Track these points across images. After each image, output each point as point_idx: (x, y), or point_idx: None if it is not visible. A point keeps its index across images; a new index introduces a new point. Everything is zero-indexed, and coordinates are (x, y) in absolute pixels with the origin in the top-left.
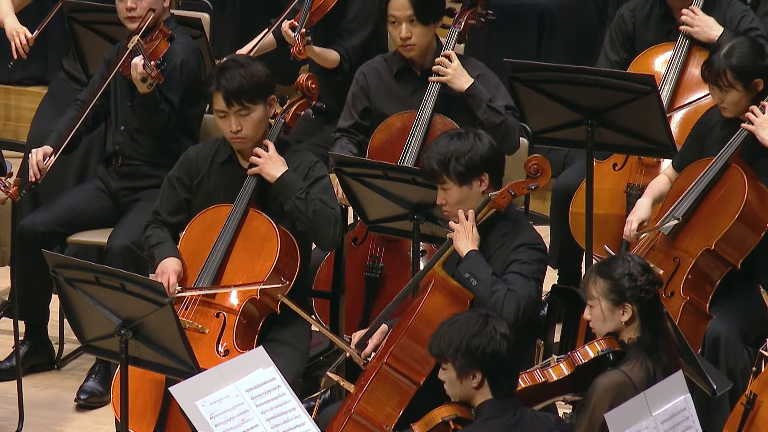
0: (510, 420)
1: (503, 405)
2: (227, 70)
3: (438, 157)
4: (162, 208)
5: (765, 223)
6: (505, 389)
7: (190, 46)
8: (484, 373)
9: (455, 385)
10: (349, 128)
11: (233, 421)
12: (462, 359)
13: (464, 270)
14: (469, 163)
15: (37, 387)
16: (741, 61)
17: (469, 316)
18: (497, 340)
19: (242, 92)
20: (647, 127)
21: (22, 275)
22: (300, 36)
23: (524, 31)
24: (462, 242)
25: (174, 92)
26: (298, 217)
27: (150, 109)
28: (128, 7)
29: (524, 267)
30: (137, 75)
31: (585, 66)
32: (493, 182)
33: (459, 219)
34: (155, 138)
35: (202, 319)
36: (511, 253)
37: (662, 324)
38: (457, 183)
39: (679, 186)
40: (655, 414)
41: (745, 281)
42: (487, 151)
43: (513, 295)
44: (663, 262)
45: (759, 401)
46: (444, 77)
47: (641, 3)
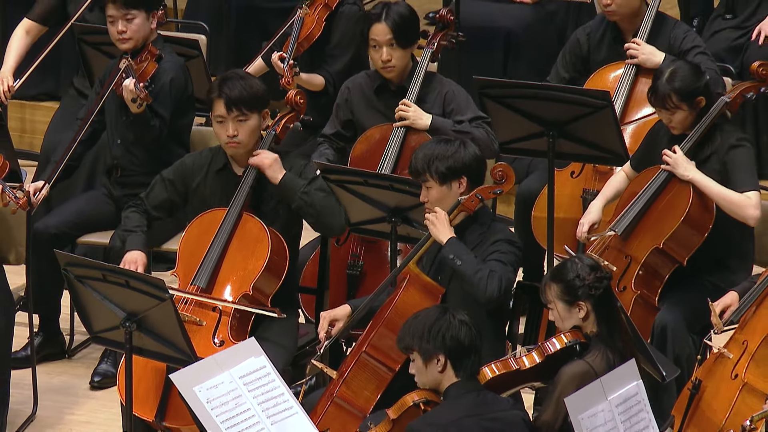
0: (474, 400)
1: (467, 387)
2: (229, 80)
3: (424, 157)
4: (148, 199)
5: (708, 225)
6: (467, 371)
7: (177, 64)
8: (447, 355)
9: (423, 372)
10: (331, 136)
11: (228, 405)
12: (425, 344)
13: (448, 253)
14: (450, 166)
15: (50, 374)
16: (683, 83)
17: (429, 309)
18: (456, 325)
19: (241, 100)
20: (602, 138)
21: (36, 273)
22: (289, 67)
23: (492, 52)
24: (440, 231)
25: (165, 108)
26: (306, 211)
27: (141, 127)
28: (119, 30)
29: (503, 256)
30: (128, 96)
31: (546, 83)
32: (471, 186)
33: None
34: (149, 150)
35: (199, 312)
36: (490, 247)
37: (617, 316)
38: (438, 182)
39: (632, 190)
40: (611, 398)
41: (690, 277)
42: (470, 158)
43: (495, 275)
44: (616, 260)
45: (703, 386)
46: (407, 121)
47: (595, 26)
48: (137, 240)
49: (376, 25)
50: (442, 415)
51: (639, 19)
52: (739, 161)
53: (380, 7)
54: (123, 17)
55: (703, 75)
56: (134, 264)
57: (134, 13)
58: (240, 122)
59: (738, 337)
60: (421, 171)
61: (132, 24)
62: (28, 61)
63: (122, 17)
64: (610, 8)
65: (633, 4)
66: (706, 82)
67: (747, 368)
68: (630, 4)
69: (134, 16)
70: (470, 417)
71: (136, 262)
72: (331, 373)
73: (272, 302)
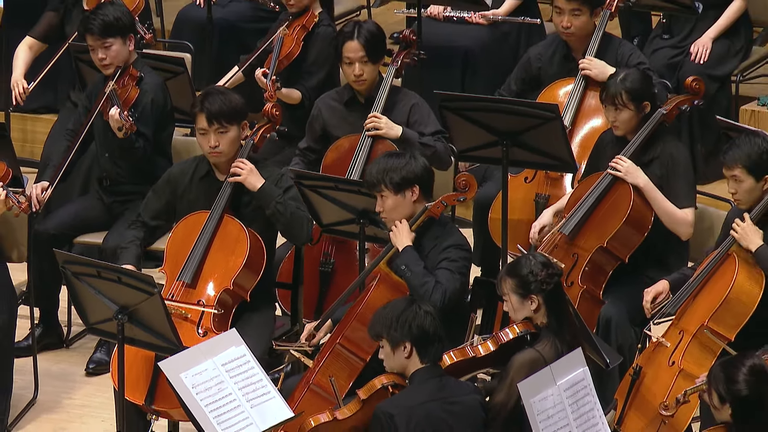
0: (437, 385)
1: (431, 372)
2: (210, 96)
3: (378, 171)
4: (144, 213)
5: (648, 225)
6: (431, 357)
7: (156, 84)
8: (412, 343)
9: (390, 357)
10: (304, 150)
11: (211, 390)
12: (393, 333)
13: (401, 262)
14: (404, 176)
15: (49, 362)
16: (633, 84)
17: (398, 300)
18: (421, 316)
19: (221, 114)
20: (552, 147)
21: (37, 270)
22: (271, 82)
23: (451, 69)
24: (399, 240)
25: (148, 127)
26: (278, 219)
27: (126, 150)
28: (100, 58)
29: (452, 264)
30: (114, 125)
31: (501, 97)
32: (423, 194)
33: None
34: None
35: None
36: (441, 253)
37: (565, 309)
38: (393, 192)
39: (578, 194)
40: (559, 383)
41: (631, 273)
42: (420, 169)
43: (440, 287)
44: (564, 257)
45: (643, 373)
46: (380, 131)
47: (547, 46)
48: (128, 254)
49: (349, 43)
50: (409, 398)
51: (589, 39)
52: (682, 173)
53: (351, 26)
54: (101, 46)
55: (653, 84)
56: None
57: (111, 41)
58: (221, 134)
59: (675, 328)
60: (377, 183)
61: (110, 50)
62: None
63: (101, 46)
64: (569, 30)
65: (588, 27)
66: (653, 91)
67: (683, 356)
68: (586, 27)
69: (111, 44)
70: (434, 401)
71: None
72: (308, 362)
73: (251, 297)
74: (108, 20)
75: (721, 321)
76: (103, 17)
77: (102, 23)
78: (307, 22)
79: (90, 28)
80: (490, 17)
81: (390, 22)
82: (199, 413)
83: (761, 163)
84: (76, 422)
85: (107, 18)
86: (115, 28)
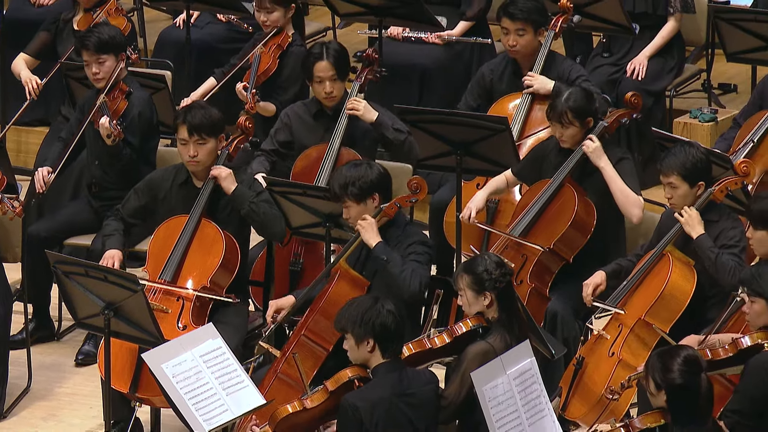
0: (398, 378)
1: (392, 366)
2: (193, 109)
3: (339, 185)
4: (124, 209)
5: (590, 228)
6: (392, 352)
7: (144, 99)
8: (375, 339)
9: (355, 350)
10: (270, 151)
11: (190, 379)
12: (358, 329)
13: (380, 254)
14: (362, 187)
15: (42, 354)
16: (577, 103)
17: (363, 298)
18: (384, 314)
19: (201, 127)
20: (502, 156)
21: (30, 269)
22: (251, 95)
23: (409, 84)
24: (370, 235)
25: (134, 137)
26: (253, 218)
27: (114, 156)
28: (93, 72)
29: (419, 257)
30: (104, 132)
31: (455, 110)
32: (383, 199)
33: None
34: (121, 171)
35: (166, 302)
36: (407, 248)
37: (515, 305)
38: (355, 202)
39: (525, 200)
40: (509, 372)
41: (576, 271)
42: (376, 176)
43: (417, 273)
44: (514, 258)
45: (586, 363)
46: (358, 112)
47: (498, 63)
48: (114, 241)
49: (319, 63)
50: (373, 392)
51: (535, 56)
52: (627, 172)
53: (319, 47)
54: (95, 61)
55: (594, 100)
56: (111, 259)
57: (104, 57)
58: (200, 145)
59: (615, 322)
60: (339, 195)
61: (103, 66)
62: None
63: (95, 61)
64: (515, 48)
65: (533, 45)
66: (595, 107)
67: (622, 348)
68: (530, 45)
69: (105, 60)
70: (395, 395)
71: (113, 257)
72: (276, 353)
73: (226, 293)
74: (103, 38)
75: (657, 315)
76: (99, 35)
77: (98, 40)
78: (282, 41)
79: (86, 44)
80: (445, 37)
81: (354, 42)
82: (179, 400)
83: (695, 170)
84: (66, 409)
85: (103, 36)
86: (109, 45)
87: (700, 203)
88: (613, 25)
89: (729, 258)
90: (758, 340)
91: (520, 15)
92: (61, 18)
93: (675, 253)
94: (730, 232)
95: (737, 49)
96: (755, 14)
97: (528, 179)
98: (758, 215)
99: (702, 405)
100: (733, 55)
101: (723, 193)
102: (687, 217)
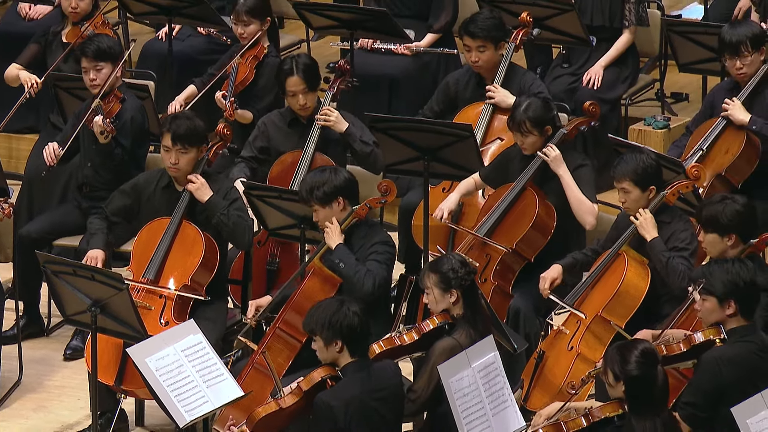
0: (367, 375)
1: (360, 364)
2: (178, 119)
3: (306, 189)
4: (109, 207)
5: (551, 230)
6: (360, 351)
7: (136, 105)
8: (343, 340)
9: (324, 351)
10: (249, 158)
11: (172, 372)
12: (326, 332)
13: (335, 257)
14: (326, 191)
15: (32, 348)
16: (535, 113)
17: (330, 301)
18: (350, 316)
19: (185, 137)
20: (467, 161)
21: (21, 269)
22: (230, 103)
23: (379, 93)
24: (331, 239)
25: (126, 139)
26: (222, 227)
27: (106, 156)
28: (90, 78)
29: (379, 256)
30: (98, 129)
31: (423, 118)
32: (349, 202)
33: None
34: (112, 171)
35: (149, 300)
36: (371, 248)
37: (479, 302)
38: (321, 205)
39: (490, 203)
40: (474, 365)
41: (537, 270)
42: (341, 181)
43: (370, 274)
44: (478, 257)
45: (546, 356)
46: (329, 123)
47: (462, 74)
48: (98, 240)
49: (291, 78)
50: (345, 390)
51: (497, 69)
52: (584, 179)
53: (289, 63)
54: (93, 68)
55: (552, 109)
56: (95, 260)
57: (102, 65)
58: (181, 153)
59: (573, 317)
60: (307, 199)
61: (101, 73)
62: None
63: (93, 68)
64: (477, 63)
65: (494, 60)
66: (553, 115)
67: (580, 342)
68: (492, 60)
69: (102, 67)
70: (365, 392)
71: (96, 258)
72: (253, 347)
73: (206, 291)
74: (102, 47)
75: (613, 311)
76: (98, 44)
77: (96, 48)
78: (258, 52)
79: (86, 51)
80: (413, 48)
81: (326, 54)
82: (162, 392)
83: (646, 176)
84: (55, 401)
85: (102, 45)
86: (107, 54)
87: (653, 206)
88: (571, 38)
89: (679, 262)
90: (710, 336)
91: (480, 33)
92: (51, 31)
93: (630, 253)
94: (682, 234)
95: (689, 60)
96: (705, 27)
97: (494, 183)
98: (707, 219)
99: (658, 395)
100: (685, 65)
101: (675, 196)
102: (642, 220)
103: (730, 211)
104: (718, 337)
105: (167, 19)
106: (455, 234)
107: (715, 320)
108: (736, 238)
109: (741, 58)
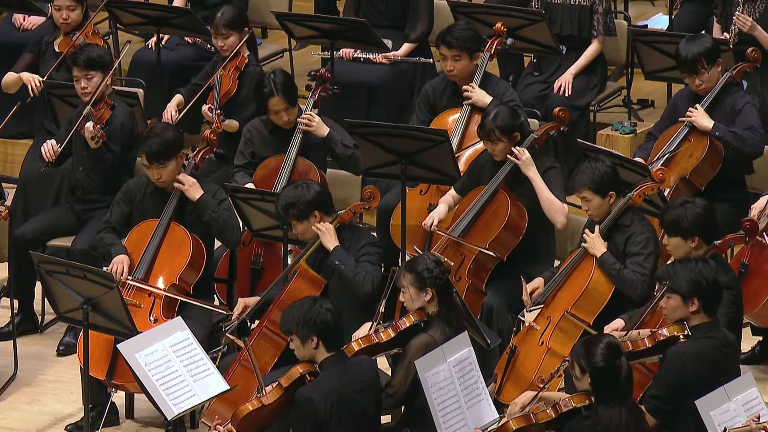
0: (344, 369)
1: (337, 358)
2: (149, 139)
3: (281, 205)
4: (112, 219)
5: (522, 230)
6: (335, 346)
7: (126, 112)
8: (318, 336)
9: (301, 349)
10: (244, 165)
11: (161, 367)
12: (301, 329)
13: (334, 258)
14: (301, 208)
15: (27, 344)
16: (503, 122)
17: (303, 300)
18: (323, 313)
19: (159, 155)
20: (442, 165)
21: (16, 268)
22: (216, 115)
23: (358, 100)
24: (328, 240)
25: (116, 145)
26: (213, 225)
27: (97, 160)
28: (82, 87)
29: (371, 257)
30: (89, 135)
31: (399, 124)
32: (325, 214)
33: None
34: (103, 175)
35: (139, 298)
36: (360, 250)
37: (453, 300)
38: (298, 221)
39: (464, 205)
40: (449, 360)
41: (509, 268)
42: (314, 196)
43: (369, 275)
44: (453, 257)
45: (518, 351)
46: (311, 128)
47: (438, 82)
48: (119, 248)
49: (272, 99)
50: (324, 384)
51: (471, 77)
52: (554, 181)
53: (267, 82)
54: (84, 77)
55: (519, 116)
56: (122, 264)
57: (93, 74)
58: (161, 168)
59: (544, 314)
60: (284, 216)
61: (91, 82)
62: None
63: (84, 77)
64: (452, 72)
65: (469, 69)
66: (521, 121)
67: (550, 337)
68: (467, 69)
69: (93, 76)
70: (344, 384)
71: (123, 262)
72: (240, 343)
73: (193, 289)
74: (93, 56)
75: (582, 308)
76: (89, 53)
77: (87, 58)
78: (239, 63)
79: (77, 60)
80: (391, 58)
81: (308, 62)
82: (151, 386)
83: (603, 183)
84: (49, 394)
85: (92, 54)
86: (97, 63)
87: (619, 208)
88: (542, 47)
89: (630, 271)
90: (674, 332)
91: (456, 43)
92: (44, 41)
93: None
94: (638, 237)
95: (654, 68)
96: (670, 37)
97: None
98: (669, 224)
99: (622, 386)
100: (651, 73)
101: (641, 198)
102: (589, 241)
103: (691, 215)
104: (682, 333)
105: (156, 30)
106: (432, 235)
107: (680, 317)
108: (699, 240)
109: (699, 75)
